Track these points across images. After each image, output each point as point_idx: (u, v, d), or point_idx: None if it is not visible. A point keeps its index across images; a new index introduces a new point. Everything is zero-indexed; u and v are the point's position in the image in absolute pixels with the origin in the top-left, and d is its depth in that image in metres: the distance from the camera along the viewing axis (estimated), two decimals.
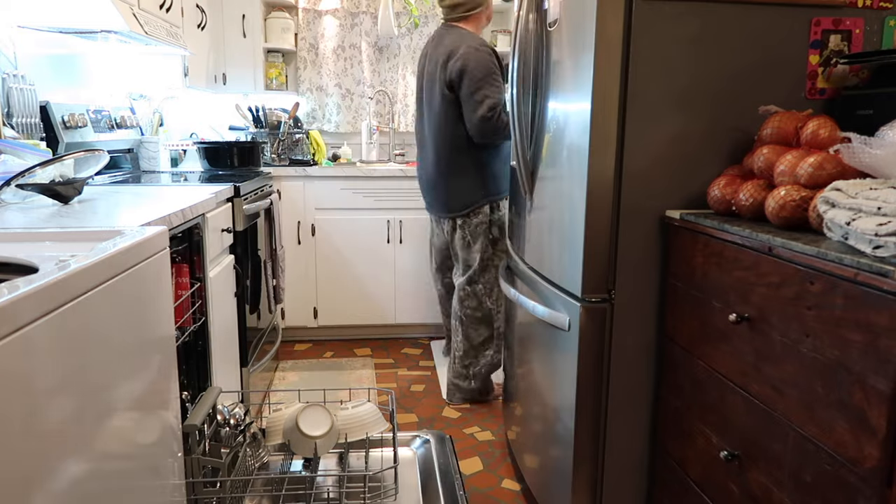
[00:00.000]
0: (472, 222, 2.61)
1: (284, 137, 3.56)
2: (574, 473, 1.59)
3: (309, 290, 3.39)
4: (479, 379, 2.71)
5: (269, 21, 3.66)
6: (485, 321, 2.66)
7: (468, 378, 2.70)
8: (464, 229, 2.63)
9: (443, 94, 2.54)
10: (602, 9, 1.42)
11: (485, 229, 2.61)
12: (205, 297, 1.85)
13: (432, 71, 2.60)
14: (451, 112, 2.53)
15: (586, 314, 1.53)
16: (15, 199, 1.62)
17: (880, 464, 0.90)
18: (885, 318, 0.89)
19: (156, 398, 1.13)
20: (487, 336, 2.68)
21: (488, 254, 2.63)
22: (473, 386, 2.71)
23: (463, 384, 2.71)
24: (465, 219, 2.62)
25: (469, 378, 2.70)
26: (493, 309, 2.65)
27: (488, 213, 2.61)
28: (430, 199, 2.75)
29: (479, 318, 2.66)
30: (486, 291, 2.64)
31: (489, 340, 2.68)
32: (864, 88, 1.50)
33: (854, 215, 1.00)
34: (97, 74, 2.68)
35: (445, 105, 2.54)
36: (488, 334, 2.68)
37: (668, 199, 1.51)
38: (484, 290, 2.64)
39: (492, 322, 2.67)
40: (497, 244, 2.64)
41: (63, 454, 0.80)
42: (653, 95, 1.47)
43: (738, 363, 1.25)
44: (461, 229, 2.64)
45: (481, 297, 2.65)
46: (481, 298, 2.65)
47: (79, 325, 0.84)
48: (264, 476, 1.59)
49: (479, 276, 2.64)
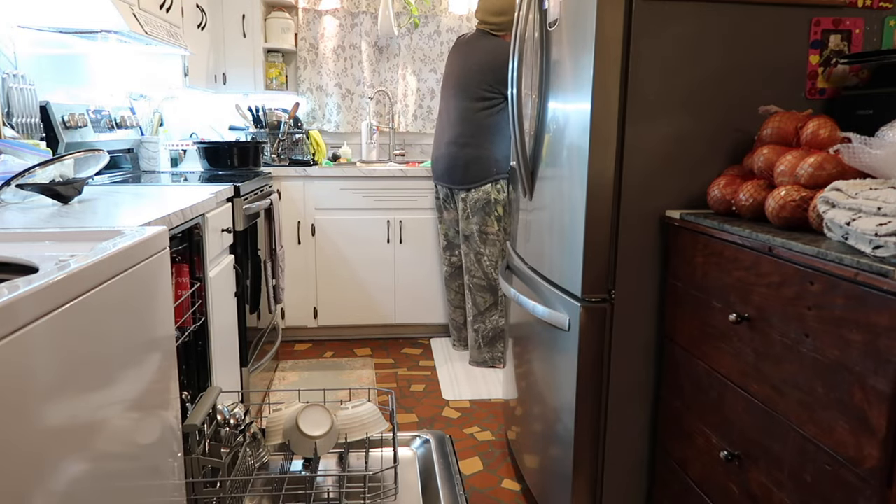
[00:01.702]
0: (471, 196, 2.98)
1: (284, 137, 3.56)
2: (574, 473, 1.59)
3: (309, 290, 3.39)
4: (487, 342, 3.07)
5: (269, 21, 3.66)
6: (489, 289, 3.03)
7: (478, 342, 3.09)
8: (466, 202, 3.00)
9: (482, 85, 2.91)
10: (602, 9, 1.42)
11: (483, 205, 2.96)
12: (205, 297, 1.85)
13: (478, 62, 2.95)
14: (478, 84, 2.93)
15: (586, 314, 1.53)
16: (15, 199, 1.62)
17: (880, 464, 0.90)
18: (885, 318, 0.89)
19: (156, 398, 1.13)
20: (492, 302, 3.04)
21: (493, 228, 2.98)
22: (484, 354, 3.09)
23: (475, 351, 3.11)
24: (464, 192, 3.00)
25: (479, 342, 3.09)
26: (496, 278, 2.98)
27: (489, 191, 2.95)
28: (443, 171, 3.07)
29: (484, 287, 3.03)
30: (490, 263, 3.01)
31: (494, 306, 3.05)
32: (864, 88, 1.50)
33: (854, 215, 1.00)
34: (97, 74, 2.68)
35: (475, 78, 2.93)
36: (493, 301, 3.04)
37: (668, 199, 1.51)
38: (489, 262, 3.01)
39: (496, 290, 3.02)
40: (501, 221, 2.98)
41: (63, 454, 0.80)
42: (653, 95, 1.47)
43: (738, 363, 1.25)
44: (463, 202, 3.01)
45: (486, 268, 3.01)
46: (486, 270, 3.01)
47: (79, 325, 0.84)
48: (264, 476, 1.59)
49: (481, 248, 3.00)
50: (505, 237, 2.98)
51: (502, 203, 2.96)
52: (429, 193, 3.35)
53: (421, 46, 3.87)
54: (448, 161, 3.00)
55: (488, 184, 2.94)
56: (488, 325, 3.06)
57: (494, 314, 3.05)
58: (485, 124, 2.92)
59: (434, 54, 3.87)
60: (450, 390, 2.86)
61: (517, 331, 2.09)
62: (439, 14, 3.85)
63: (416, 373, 3.07)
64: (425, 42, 3.87)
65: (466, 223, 3.01)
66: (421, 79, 3.89)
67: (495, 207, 2.96)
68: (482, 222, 2.97)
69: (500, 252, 2.99)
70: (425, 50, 3.87)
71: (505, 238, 2.99)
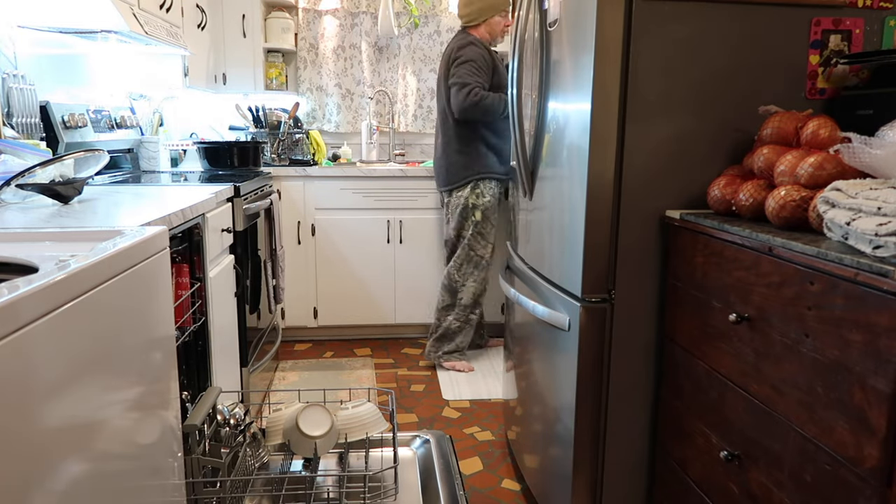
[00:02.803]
0: (452, 201, 2.99)
1: (284, 137, 3.56)
2: (574, 473, 1.59)
3: (309, 290, 3.39)
4: (437, 337, 3.09)
5: (269, 21, 3.66)
6: (450, 290, 3.05)
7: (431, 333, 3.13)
8: (448, 206, 3.03)
9: (447, 85, 2.91)
10: (602, 9, 1.42)
11: (460, 210, 2.96)
12: (205, 297, 1.85)
13: (442, 66, 2.99)
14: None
15: (586, 314, 1.53)
16: (15, 199, 1.62)
17: (880, 464, 0.90)
18: (885, 318, 0.89)
19: (156, 398, 1.13)
20: (450, 303, 3.06)
21: (468, 233, 2.97)
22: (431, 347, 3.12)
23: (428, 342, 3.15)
24: (448, 196, 3.01)
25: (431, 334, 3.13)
26: (459, 282, 3.02)
27: (466, 196, 2.93)
28: (435, 175, 3.10)
29: (446, 286, 3.06)
30: (456, 266, 3.02)
31: (450, 307, 3.06)
32: (864, 88, 1.50)
33: (854, 215, 1.00)
34: (97, 74, 2.68)
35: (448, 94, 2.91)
36: (450, 302, 3.06)
37: (668, 199, 1.51)
38: (454, 265, 3.02)
39: (456, 292, 3.03)
40: (476, 226, 2.96)
41: (63, 454, 0.80)
42: (653, 95, 1.47)
43: (738, 363, 1.25)
44: (445, 206, 3.05)
45: (451, 269, 3.04)
46: (450, 270, 3.04)
47: (79, 325, 0.84)
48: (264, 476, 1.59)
49: (454, 250, 3.04)
50: (481, 241, 2.97)
51: (481, 208, 2.94)
52: (429, 193, 3.36)
53: (421, 46, 3.87)
54: (435, 165, 3.06)
55: (466, 188, 2.93)
56: (442, 323, 3.08)
57: (450, 314, 3.06)
58: (458, 132, 2.93)
59: (434, 54, 3.87)
60: (450, 390, 2.86)
61: (517, 331, 2.09)
62: (439, 14, 3.85)
63: (416, 373, 3.07)
64: (425, 42, 3.87)
65: (447, 227, 3.06)
66: (421, 79, 3.89)
67: (472, 212, 2.95)
68: (459, 226, 2.99)
69: (467, 255, 2.98)
70: (425, 50, 3.87)
71: (483, 242, 2.98)
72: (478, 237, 2.97)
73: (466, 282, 3.01)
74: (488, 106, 2.79)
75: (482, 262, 3.00)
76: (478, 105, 2.77)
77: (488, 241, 2.99)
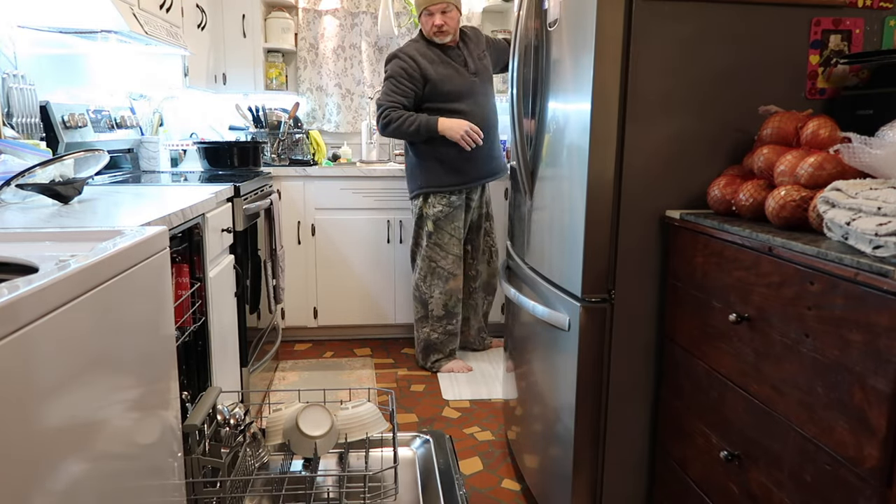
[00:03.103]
0: (413, 211, 3.01)
1: (284, 137, 3.56)
2: (574, 473, 1.59)
3: (309, 290, 3.39)
4: (421, 349, 3.08)
5: (269, 21, 3.66)
6: (420, 301, 3.04)
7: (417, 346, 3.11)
8: (412, 214, 3.03)
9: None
10: (602, 9, 1.42)
11: (416, 219, 2.98)
12: (205, 297, 1.85)
13: None
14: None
15: (586, 314, 1.53)
16: (15, 199, 1.62)
17: (880, 464, 0.90)
18: (885, 318, 0.89)
19: (156, 398, 1.13)
20: (423, 315, 3.04)
21: (423, 243, 2.96)
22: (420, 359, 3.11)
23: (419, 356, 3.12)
24: (411, 205, 3.03)
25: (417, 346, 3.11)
26: (427, 294, 3.00)
27: (420, 206, 2.93)
28: None
29: (416, 297, 3.05)
30: (420, 277, 3.00)
31: (424, 319, 3.04)
32: (864, 88, 1.50)
33: (854, 215, 1.00)
34: (97, 74, 2.68)
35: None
36: (424, 313, 3.04)
37: (668, 199, 1.51)
38: (419, 276, 3.01)
39: (426, 303, 3.01)
40: (431, 237, 2.94)
41: (63, 454, 0.80)
42: (653, 95, 1.47)
43: (738, 363, 1.25)
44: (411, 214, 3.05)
45: (417, 280, 3.02)
46: (416, 282, 3.03)
47: (79, 325, 0.84)
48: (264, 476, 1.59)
49: (416, 257, 3.03)
50: (440, 252, 2.93)
51: (432, 218, 2.90)
52: None
53: None
54: None
55: (419, 198, 2.93)
56: (421, 335, 3.06)
57: (426, 327, 3.03)
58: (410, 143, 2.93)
59: None
60: (450, 390, 2.86)
61: (517, 331, 2.09)
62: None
63: (416, 373, 3.07)
64: None
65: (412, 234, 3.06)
66: None
67: (425, 222, 2.93)
68: (416, 235, 2.99)
69: (429, 267, 2.95)
70: None
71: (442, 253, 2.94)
72: (435, 248, 2.93)
73: (433, 293, 2.98)
74: (395, 130, 2.79)
75: (444, 273, 2.95)
76: (387, 128, 2.79)
77: (448, 252, 2.93)
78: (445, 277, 2.96)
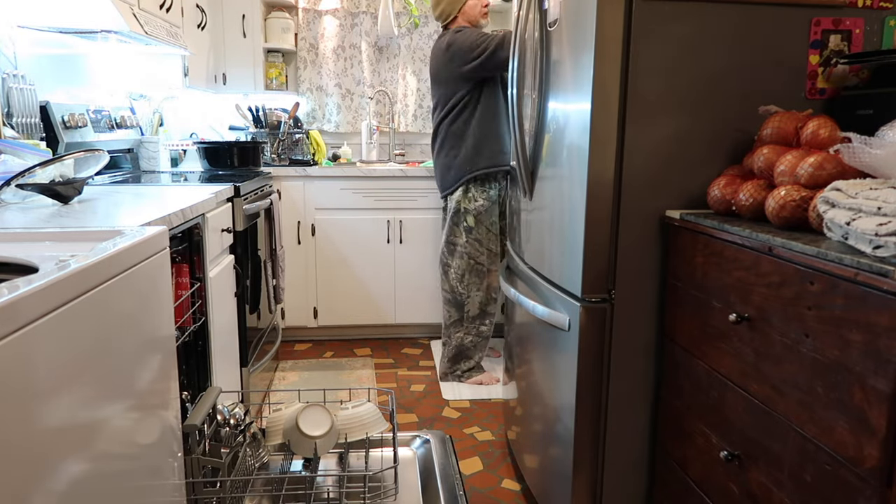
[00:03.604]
0: (448, 206, 2.89)
1: (284, 137, 3.56)
2: (574, 473, 1.59)
3: (309, 290, 3.39)
4: (450, 357, 2.95)
5: (269, 21, 3.66)
6: (455, 304, 2.91)
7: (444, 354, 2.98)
8: (445, 211, 2.92)
9: (438, 80, 2.82)
10: (602, 9, 1.42)
11: (453, 214, 2.86)
12: (205, 297, 1.85)
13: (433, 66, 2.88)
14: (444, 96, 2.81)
15: (586, 314, 1.53)
16: (15, 199, 1.62)
17: (880, 464, 0.90)
18: (885, 318, 0.89)
19: (156, 398, 1.13)
20: (457, 318, 2.92)
21: (461, 240, 2.85)
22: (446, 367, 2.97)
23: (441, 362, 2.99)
24: (445, 201, 2.93)
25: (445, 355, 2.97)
26: (464, 294, 2.88)
27: (458, 200, 2.83)
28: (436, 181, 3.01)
29: (450, 300, 2.92)
30: (457, 277, 2.88)
31: (458, 323, 2.92)
32: (864, 88, 1.50)
33: (854, 215, 1.00)
34: (97, 74, 2.68)
35: (440, 91, 2.82)
36: (458, 317, 2.92)
37: (668, 199, 1.51)
38: (455, 276, 2.88)
39: (462, 305, 2.89)
40: (471, 233, 2.83)
41: (63, 454, 0.80)
42: (653, 95, 1.47)
43: (738, 363, 1.25)
44: (443, 211, 2.95)
45: (452, 280, 2.89)
46: (452, 282, 2.90)
47: (79, 325, 0.84)
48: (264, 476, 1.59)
49: (448, 258, 2.90)
50: (479, 248, 2.84)
51: (472, 213, 2.81)
52: (429, 193, 3.35)
53: (421, 46, 3.87)
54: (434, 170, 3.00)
55: (457, 191, 2.83)
56: (453, 341, 2.93)
57: (459, 331, 2.91)
58: (449, 132, 2.82)
59: None
60: (450, 390, 2.86)
61: (517, 331, 2.09)
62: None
63: (416, 373, 3.07)
64: (425, 42, 3.87)
65: (443, 232, 2.95)
66: (421, 79, 3.89)
67: (464, 217, 2.82)
68: (451, 232, 2.88)
69: (467, 264, 2.84)
70: (425, 50, 3.87)
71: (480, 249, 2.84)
72: (475, 244, 2.84)
73: (471, 292, 2.87)
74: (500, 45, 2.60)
75: (482, 269, 2.86)
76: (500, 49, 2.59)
77: (486, 247, 2.85)
78: (483, 273, 2.87)
